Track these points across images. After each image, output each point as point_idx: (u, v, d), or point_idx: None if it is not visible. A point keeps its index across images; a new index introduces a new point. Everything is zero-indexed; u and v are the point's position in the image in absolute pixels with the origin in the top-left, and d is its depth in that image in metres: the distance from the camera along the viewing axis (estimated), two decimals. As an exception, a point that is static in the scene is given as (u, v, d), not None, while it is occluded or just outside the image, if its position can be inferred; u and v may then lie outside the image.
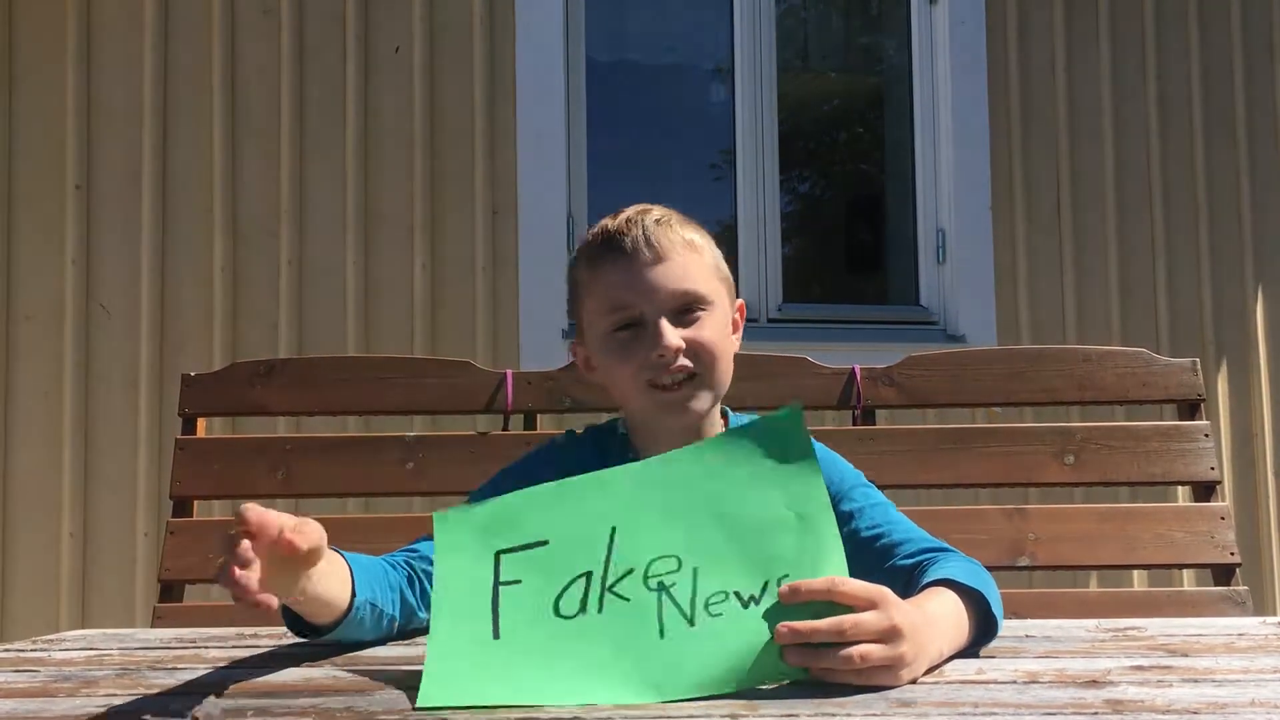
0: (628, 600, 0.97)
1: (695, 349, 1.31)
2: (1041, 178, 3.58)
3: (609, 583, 0.98)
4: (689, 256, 1.33)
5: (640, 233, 1.32)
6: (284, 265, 3.11)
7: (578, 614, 0.97)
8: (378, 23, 3.22)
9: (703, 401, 1.34)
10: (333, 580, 1.10)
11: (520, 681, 0.92)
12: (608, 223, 1.37)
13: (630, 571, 0.98)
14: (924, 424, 2.02)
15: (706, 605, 0.96)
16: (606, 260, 1.33)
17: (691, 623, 0.95)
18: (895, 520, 1.33)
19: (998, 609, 1.11)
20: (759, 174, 3.54)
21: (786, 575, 0.96)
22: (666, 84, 3.88)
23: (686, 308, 1.32)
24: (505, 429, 1.92)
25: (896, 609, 0.94)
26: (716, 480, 1.01)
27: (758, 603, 0.96)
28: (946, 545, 1.27)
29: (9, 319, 3.00)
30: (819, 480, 1.01)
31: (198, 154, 3.11)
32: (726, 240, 3.56)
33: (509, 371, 1.93)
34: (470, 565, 1.00)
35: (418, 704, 0.89)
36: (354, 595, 1.13)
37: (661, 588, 0.97)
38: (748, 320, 1.46)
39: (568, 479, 1.02)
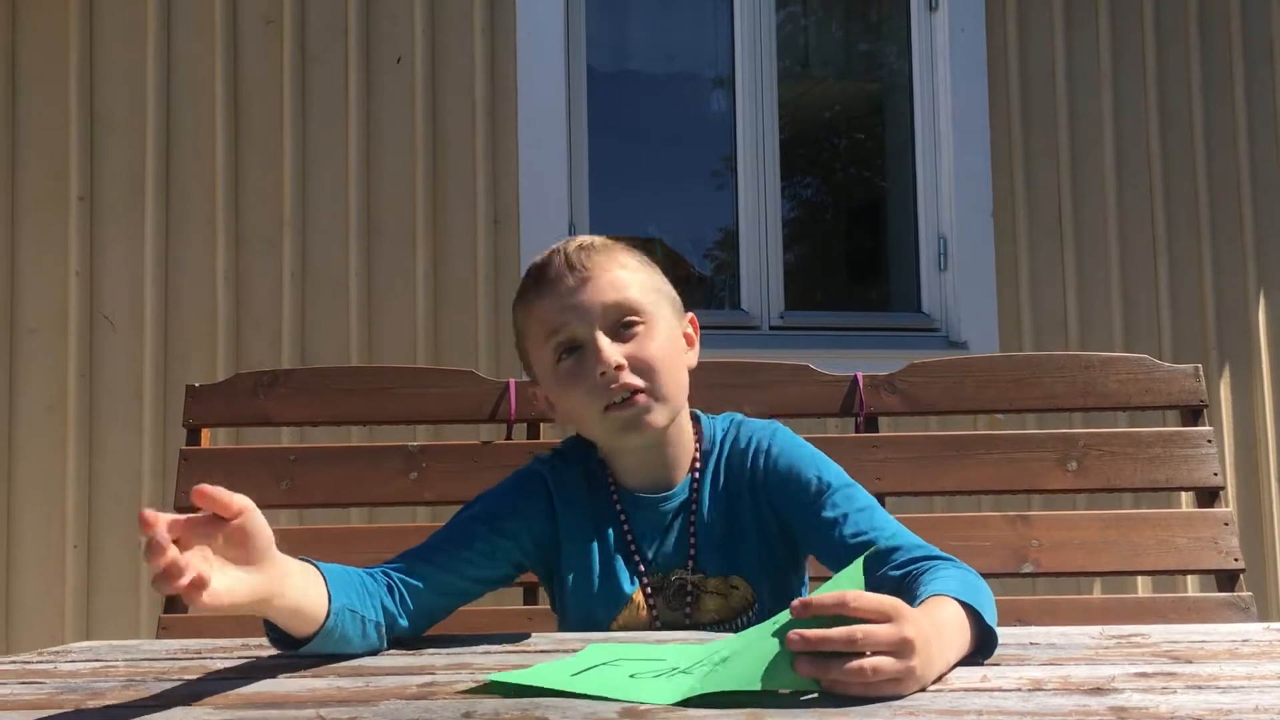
0: (689, 675, 1.00)
1: (637, 365, 1.30)
2: (1043, 184, 3.58)
3: (684, 666, 1.03)
4: (615, 274, 1.33)
5: (563, 259, 1.33)
6: (287, 275, 3.11)
7: (644, 677, 1.02)
8: (379, 33, 3.23)
9: (658, 415, 1.33)
10: (308, 590, 1.11)
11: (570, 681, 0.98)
12: (536, 259, 1.38)
13: (700, 661, 1.03)
14: (926, 431, 2.02)
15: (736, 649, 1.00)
16: (534, 292, 1.35)
17: (723, 661, 0.99)
18: (881, 525, 1.31)
19: (993, 619, 1.10)
20: (760, 181, 3.54)
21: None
22: (667, 93, 3.89)
23: (622, 323, 1.32)
24: (508, 438, 1.93)
25: (909, 622, 0.93)
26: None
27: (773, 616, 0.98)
28: (936, 550, 1.26)
29: (13, 331, 3.01)
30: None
31: (200, 164, 3.12)
32: (728, 248, 3.57)
33: (512, 380, 1.93)
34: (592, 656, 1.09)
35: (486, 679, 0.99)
36: (330, 602, 1.13)
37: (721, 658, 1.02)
38: (749, 328, 1.46)
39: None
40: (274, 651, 1.23)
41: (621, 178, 3.61)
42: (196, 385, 1.93)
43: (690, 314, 1.44)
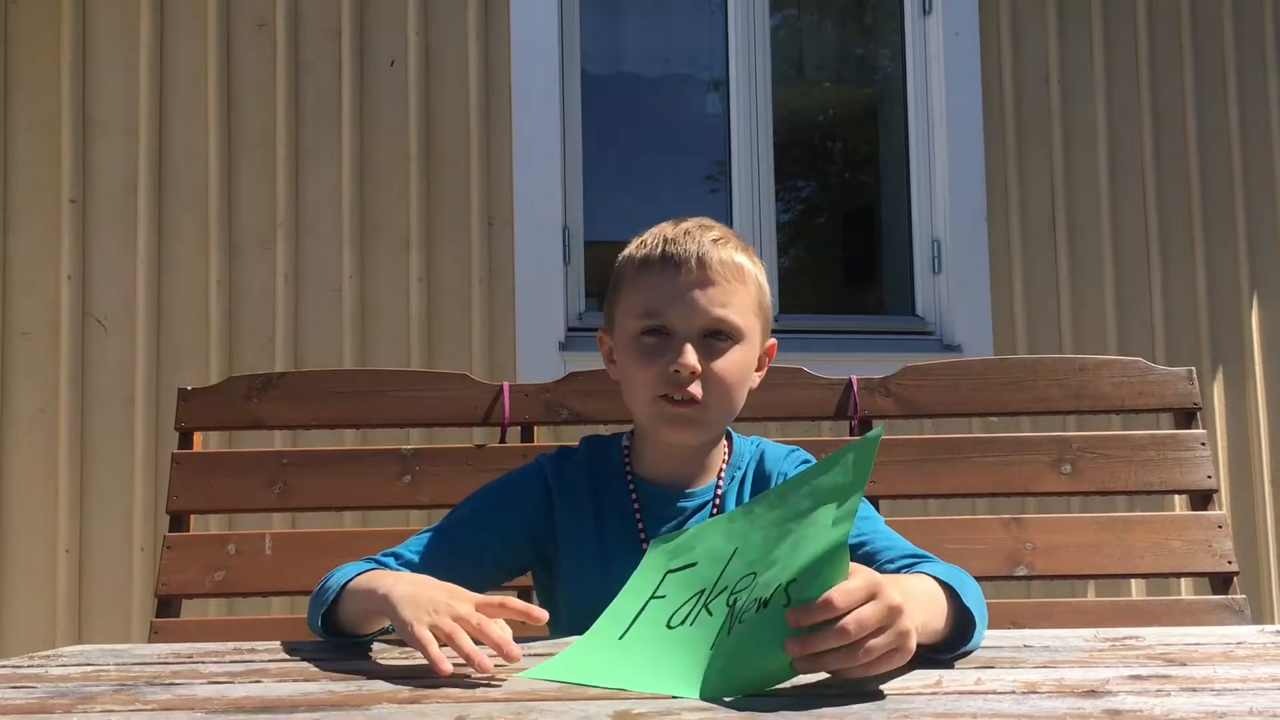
0: (711, 615, 1.05)
1: (710, 378, 1.32)
2: (1036, 187, 3.59)
3: (708, 599, 1.07)
4: (734, 285, 1.34)
5: (695, 248, 1.33)
6: (280, 279, 3.11)
7: (680, 626, 1.07)
8: (372, 36, 3.22)
9: (702, 431, 1.37)
10: None
11: (601, 671, 1.03)
12: (667, 229, 1.38)
13: (724, 590, 1.06)
14: (921, 434, 2.02)
15: (742, 614, 1.01)
16: (655, 266, 1.34)
17: (729, 632, 1.01)
18: (879, 531, 1.35)
19: (978, 607, 1.12)
20: (754, 185, 3.55)
21: (794, 581, 0.96)
22: (662, 96, 3.89)
23: (716, 334, 1.33)
24: (502, 441, 1.92)
25: (889, 589, 0.95)
26: (801, 501, 1.06)
27: (766, 606, 0.98)
28: (928, 554, 1.30)
29: (5, 335, 3.00)
30: (859, 497, 1.00)
31: (193, 168, 3.11)
32: (722, 251, 3.56)
33: (506, 384, 1.93)
34: (646, 581, 1.14)
35: (525, 673, 1.05)
36: None
37: (734, 602, 1.04)
38: None
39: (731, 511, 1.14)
40: (266, 655, 1.23)
41: (616, 181, 3.61)
42: (189, 388, 1.93)
43: (773, 340, 1.45)
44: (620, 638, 1.09)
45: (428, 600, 1.10)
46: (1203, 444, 1.88)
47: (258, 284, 3.11)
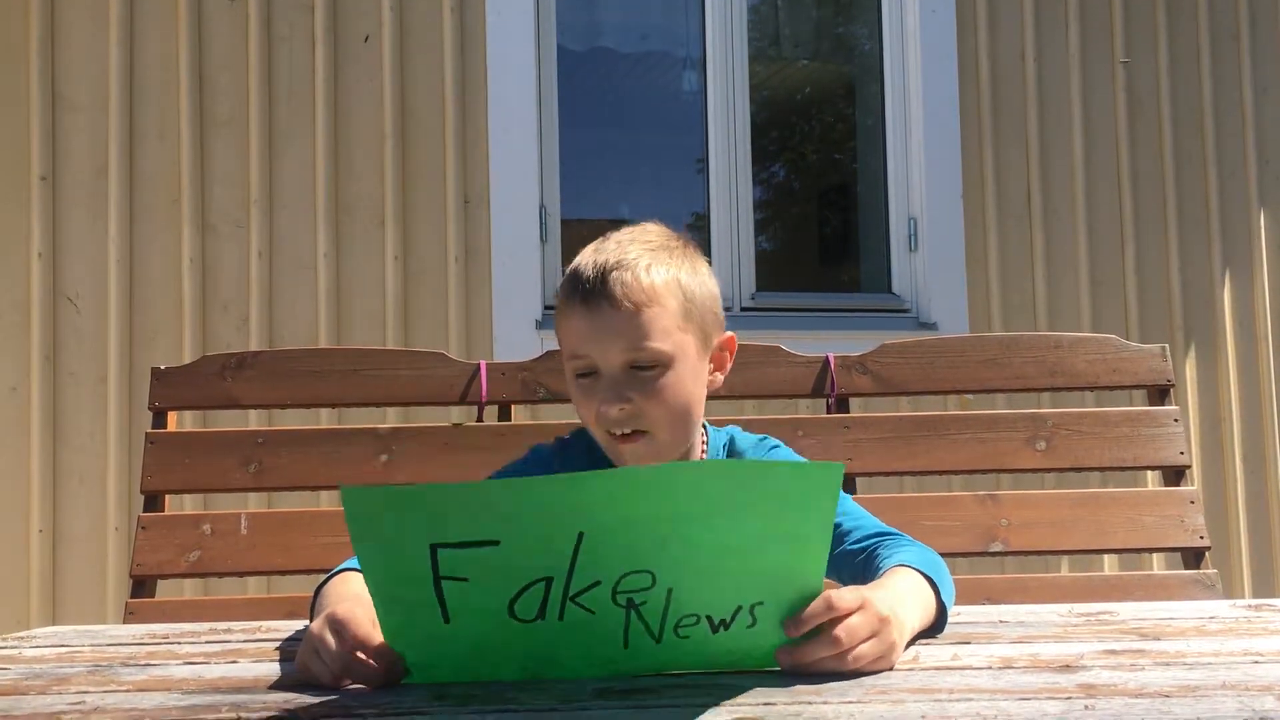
0: (591, 613, 0.91)
1: (646, 410, 1.29)
2: (1012, 166, 3.59)
3: (572, 591, 0.90)
4: (650, 311, 1.28)
5: (605, 286, 1.28)
6: (254, 257, 3.08)
7: (535, 619, 0.91)
8: (346, 12, 3.19)
9: (659, 455, 1.32)
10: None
11: (479, 663, 0.94)
12: (583, 259, 1.33)
13: (597, 584, 0.90)
14: (897, 411, 2.02)
15: (676, 627, 0.93)
16: (574, 308, 1.31)
17: (658, 640, 0.93)
18: (847, 511, 1.36)
19: (949, 592, 1.15)
20: (731, 163, 3.54)
21: (760, 604, 0.92)
22: (639, 73, 3.87)
23: (640, 366, 1.29)
24: (480, 420, 1.92)
25: (878, 602, 0.96)
26: (718, 503, 0.89)
27: (727, 628, 0.93)
28: (894, 530, 1.31)
29: (-26, 313, 2.96)
30: (830, 519, 0.92)
31: (165, 145, 3.07)
32: (700, 229, 3.56)
33: (483, 363, 1.92)
34: (399, 558, 0.89)
35: (410, 679, 0.94)
36: None
37: (631, 605, 0.91)
38: (722, 309, 1.45)
39: (529, 478, 0.90)
40: (242, 636, 1.22)
41: (592, 158, 3.59)
42: (162, 368, 1.91)
43: (729, 334, 1.41)
44: (446, 622, 0.91)
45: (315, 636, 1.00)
46: (1175, 420, 1.90)
47: (231, 262, 3.08)
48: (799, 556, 0.92)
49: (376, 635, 0.94)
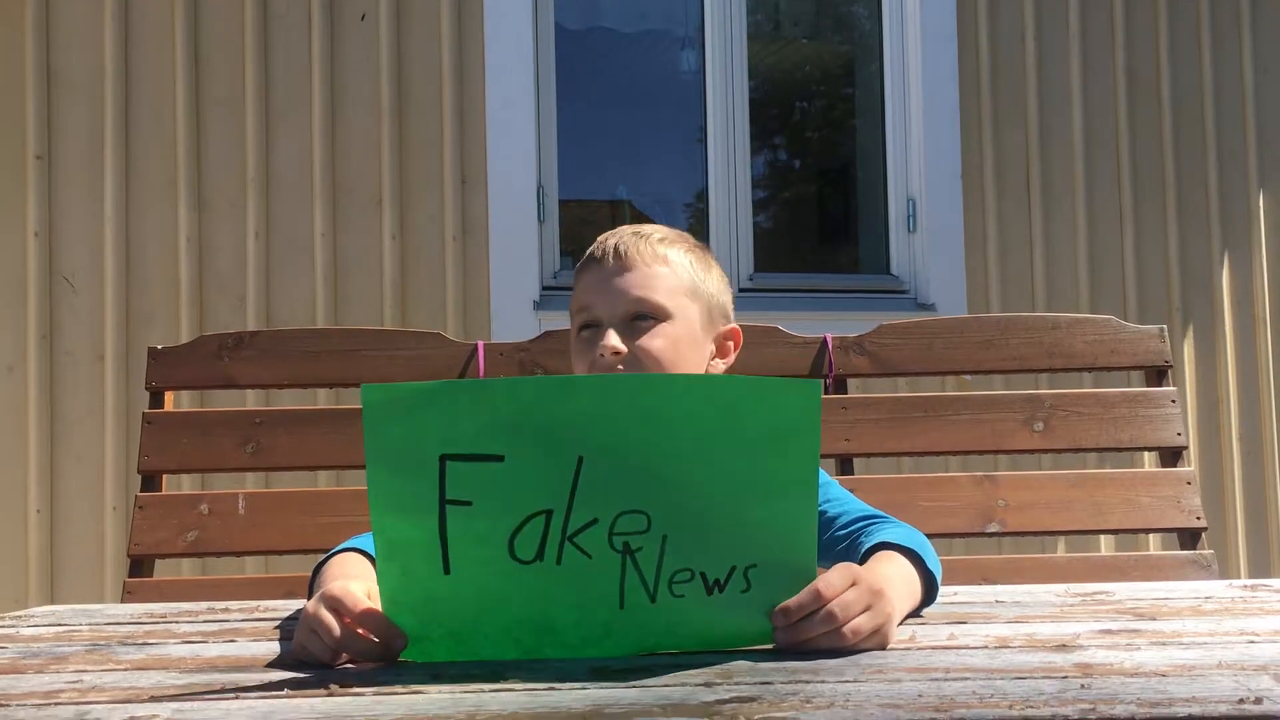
0: (589, 557, 0.92)
1: (636, 356, 1.36)
2: (1011, 147, 3.58)
3: (570, 531, 0.91)
4: (655, 269, 1.39)
5: (614, 243, 1.40)
6: (251, 236, 3.07)
7: (534, 560, 0.91)
8: (343, -10, 3.17)
9: None
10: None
11: (476, 636, 0.94)
12: (602, 235, 1.46)
13: (594, 522, 0.91)
14: (895, 392, 2.02)
15: (671, 582, 0.93)
16: (585, 266, 1.43)
17: (653, 599, 0.93)
18: (835, 497, 1.38)
19: (935, 569, 1.16)
20: (730, 142, 3.53)
21: (754, 566, 0.93)
22: (637, 52, 3.86)
23: (640, 316, 1.37)
24: (477, 400, 1.91)
25: (870, 578, 0.98)
26: (707, 428, 0.90)
27: (722, 590, 0.94)
28: (881, 513, 1.33)
29: (-29, 292, 2.95)
30: (814, 458, 0.94)
31: (161, 123, 3.06)
32: (698, 210, 3.55)
33: (480, 343, 1.92)
34: (411, 472, 0.89)
35: (406, 655, 0.94)
36: None
37: (627, 550, 0.92)
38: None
39: (531, 378, 0.91)
40: (240, 615, 1.23)
41: (591, 138, 3.58)
42: (159, 347, 1.91)
43: (734, 326, 1.49)
44: (447, 573, 0.91)
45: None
46: (1173, 401, 1.90)
47: (228, 242, 3.07)
48: (789, 512, 0.94)
49: (374, 608, 0.95)
